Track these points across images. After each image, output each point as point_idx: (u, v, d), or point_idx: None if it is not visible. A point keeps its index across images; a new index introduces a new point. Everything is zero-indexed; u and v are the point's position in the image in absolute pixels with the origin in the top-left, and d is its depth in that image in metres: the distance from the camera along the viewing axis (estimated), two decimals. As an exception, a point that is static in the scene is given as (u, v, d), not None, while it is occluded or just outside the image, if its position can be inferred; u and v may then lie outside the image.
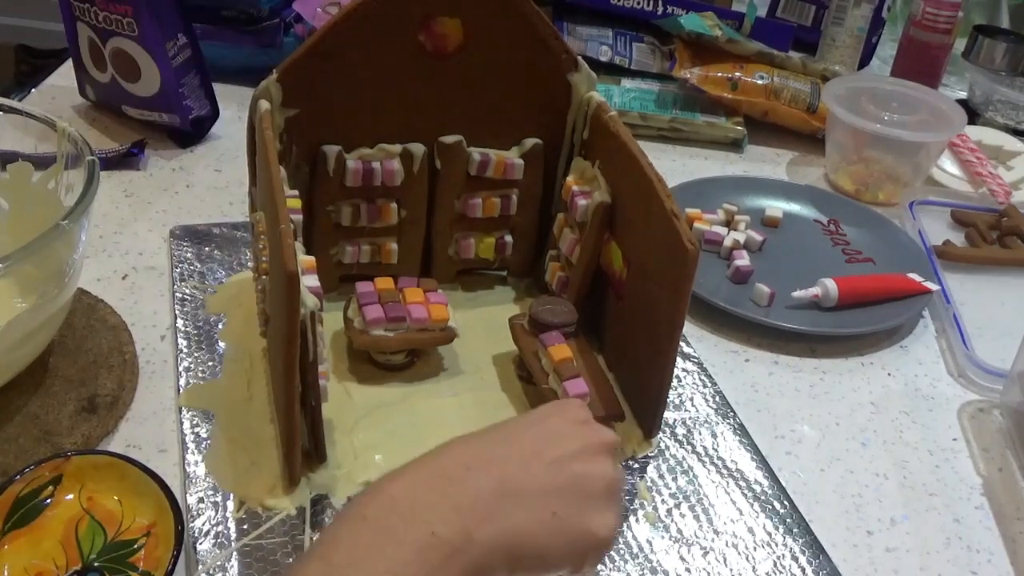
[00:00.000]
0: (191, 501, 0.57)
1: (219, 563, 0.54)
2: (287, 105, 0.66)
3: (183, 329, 0.71)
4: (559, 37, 0.69)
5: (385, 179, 0.70)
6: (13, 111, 0.70)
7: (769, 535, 0.60)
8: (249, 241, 0.80)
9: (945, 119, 1.00)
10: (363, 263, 0.74)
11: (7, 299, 0.65)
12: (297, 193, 0.66)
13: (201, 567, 0.54)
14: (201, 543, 0.55)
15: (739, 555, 0.59)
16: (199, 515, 0.57)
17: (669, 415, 0.68)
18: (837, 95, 1.01)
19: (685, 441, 0.66)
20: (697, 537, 0.59)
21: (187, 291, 0.74)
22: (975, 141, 1.10)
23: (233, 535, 0.56)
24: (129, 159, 0.93)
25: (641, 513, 0.60)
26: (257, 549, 0.55)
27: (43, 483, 0.55)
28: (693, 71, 1.09)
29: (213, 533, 0.56)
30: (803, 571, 0.58)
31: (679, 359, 0.72)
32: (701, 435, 0.67)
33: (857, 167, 1.02)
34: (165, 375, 0.68)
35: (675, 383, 0.71)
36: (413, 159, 0.71)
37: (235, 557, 0.54)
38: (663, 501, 0.62)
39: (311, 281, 0.55)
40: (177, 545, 0.52)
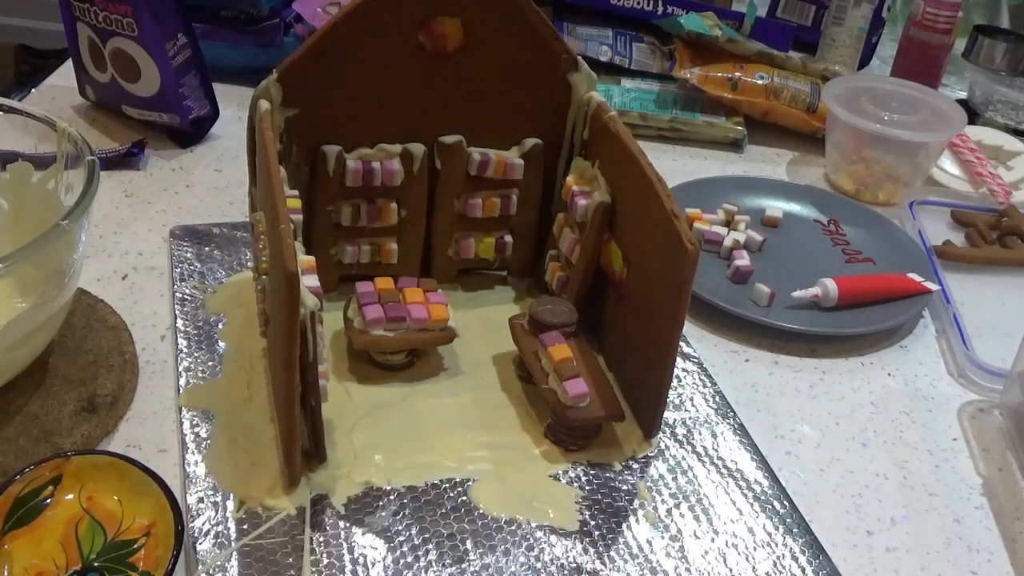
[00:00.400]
0: (191, 501, 0.57)
1: (219, 563, 0.54)
2: (287, 105, 0.66)
3: (183, 329, 0.71)
4: (559, 37, 0.69)
5: (385, 179, 0.70)
6: (13, 111, 0.70)
7: (769, 535, 0.60)
8: (249, 241, 0.80)
9: (945, 119, 1.00)
10: (363, 263, 0.74)
11: (7, 299, 0.65)
12: (297, 193, 0.66)
13: (201, 567, 0.54)
14: (201, 543, 0.55)
15: (739, 555, 0.59)
16: (199, 515, 0.57)
17: (669, 415, 0.68)
18: (837, 95, 1.01)
19: (685, 441, 0.66)
20: (697, 537, 0.59)
21: (187, 291, 0.74)
22: (975, 141, 1.10)
23: (233, 535, 0.56)
24: (129, 159, 0.93)
25: (641, 513, 0.61)
26: (257, 549, 0.55)
27: (43, 483, 0.55)
28: (693, 71, 1.09)
29: (213, 533, 0.56)
30: (803, 571, 0.58)
31: (679, 359, 0.72)
32: (701, 435, 0.67)
33: (857, 167, 1.02)
34: (165, 375, 0.68)
35: (675, 383, 0.71)
36: (413, 159, 0.71)
37: (235, 557, 0.54)
38: (663, 501, 0.62)
39: (311, 281, 0.55)
40: (177, 545, 0.52)
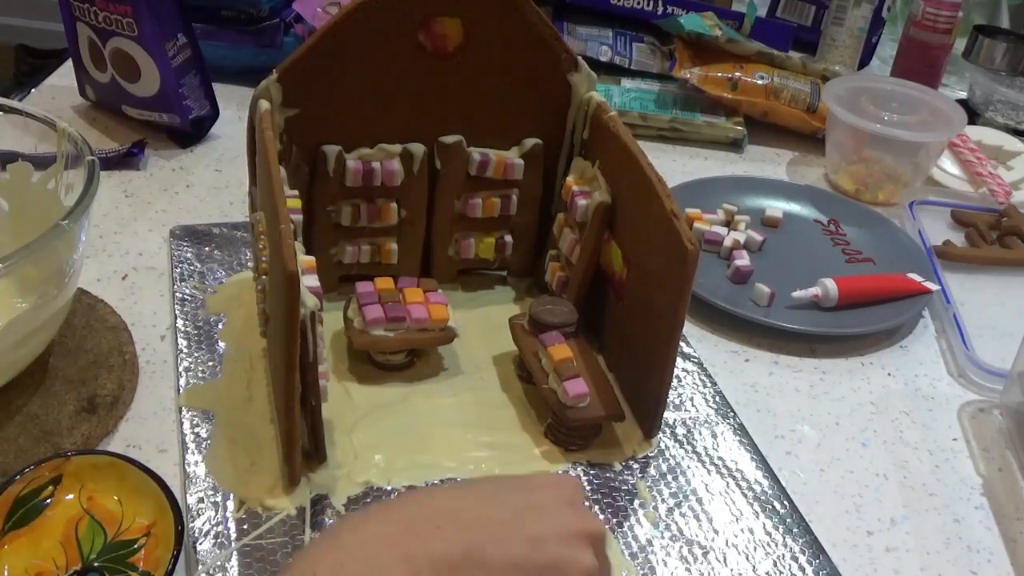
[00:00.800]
0: (191, 501, 0.57)
1: (219, 563, 0.54)
2: (287, 105, 0.66)
3: (183, 329, 0.71)
4: (559, 37, 0.69)
5: (385, 179, 0.70)
6: (13, 111, 0.70)
7: (769, 535, 0.60)
8: (249, 241, 0.80)
9: (945, 119, 1.00)
10: (363, 263, 0.74)
11: (7, 299, 0.65)
12: (297, 193, 0.66)
13: (201, 567, 0.54)
14: (201, 543, 0.55)
15: (739, 555, 0.59)
16: (199, 515, 0.57)
17: (669, 415, 0.68)
18: (837, 95, 1.01)
19: (685, 441, 0.66)
20: (697, 537, 0.59)
21: (187, 291, 0.74)
22: (975, 141, 1.10)
23: (233, 535, 0.56)
24: (129, 159, 0.93)
25: (641, 513, 0.61)
26: (257, 549, 0.55)
27: (43, 483, 0.55)
28: (693, 71, 1.09)
29: (213, 533, 0.56)
30: (803, 571, 0.58)
31: (679, 359, 0.72)
32: (701, 435, 0.67)
33: (857, 167, 1.02)
34: (165, 375, 0.68)
35: (675, 383, 0.71)
36: (413, 159, 0.71)
37: (235, 557, 0.54)
38: (663, 501, 0.62)
39: (311, 281, 0.55)
40: (177, 545, 0.52)
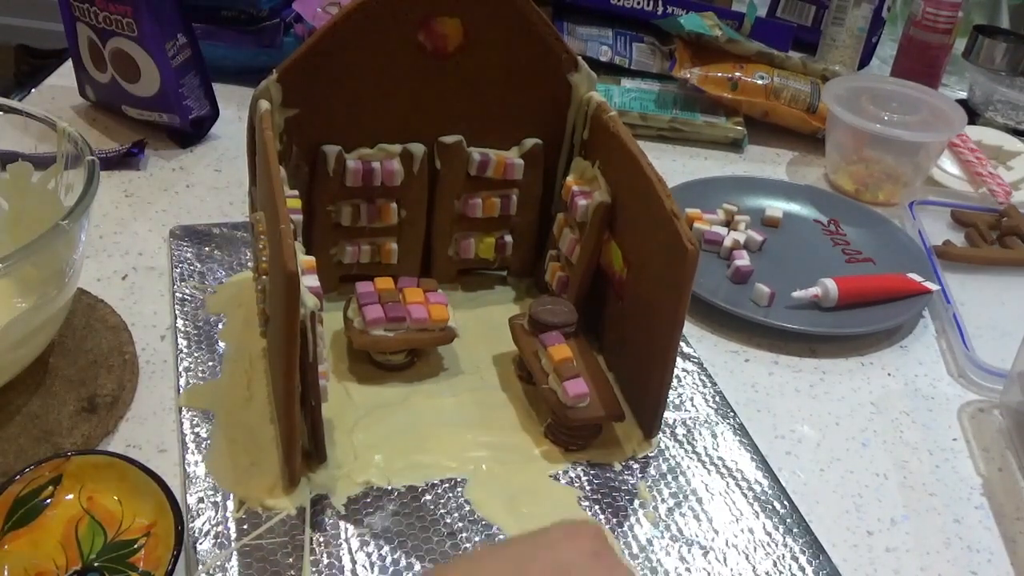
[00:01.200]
0: (191, 501, 0.57)
1: (219, 563, 0.54)
2: (287, 105, 0.66)
3: (183, 329, 0.71)
4: (559, 37, 0.69)
5: (385, 179, 0.70)
6: (13, 111, 0.70)
7: (769, 535, 0.60)
8: (249, 241, 0.80)
9: (945, 119, 1.00)
10: (363, 263, 0.74)
11: (7, 299, 0.65)
12: (297, 193, 0.66)
13: (201, 567, 0.54)
14: (201, 543, 0.55)
15: (739, 555, 0.59)
16: (199, 515, 0.57)
17: (669, 415, 0.68)
18: (837, 95, 1.01)
19: (685, 441, 0.66)
20: (697, 537, 0.59)
21: (187, 291, 0.74)
22: (975, 141, 1.10)
23: (233, 535, 0.56)
24: (129, 159, 0.93)
25: (641, 513, 0.61)
26: (257, 549, 0.55)
27: (43, 483, 0.55)
28: (693, 71, 1.09)
29: (213, 533, 0.56)
30: (803, 571, 0.58)
31: (679, 359, 0.72)
32: (701, 435, 0.67)
33: (857, 167, 1.02)
34: (165, 375, 0.68)
35: (675, 383, 0.71)
36: (413, 159, 0.71)
37: (235, 557, 0.54)
38: (663, 501, 0.62)
39: (311, 281, 0.55)
40: (177, 545, 0.52)
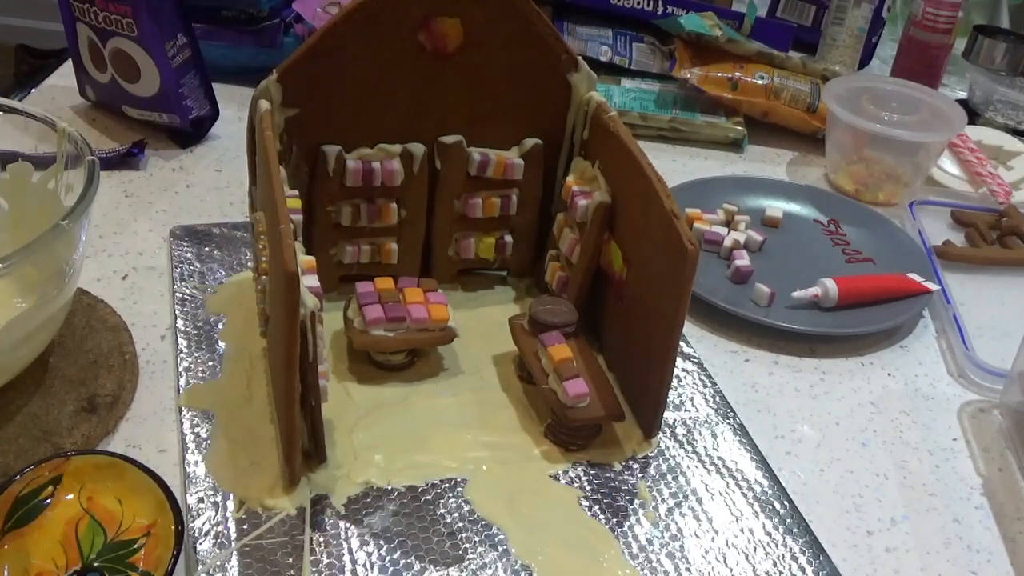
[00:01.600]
0: (191, 501, 0.57)
1: (219, 563, 0.54)
2: (287, 105, 0.66)
3: (183, 329, 0.71)
4: (559, 37, 0.69)
5: (385, 179, 0.70)
6: (13, 111, 0.70)
7: (769, 535, 0.60)
8: (249, 241, 0.80)
9: (945, 119, 1.00)
10: (363, 263, 0.74)
11: (7, 299, 0.65)
12: (297, 193, 0.66)
13: (201, 567, 0.54)
14: (201, 543, 0.55)
15: (739, 555, 0.59)
16: (199, 515, 0.57)
17: (669, 415, 0.68)
18: (837, 95, 1.01)
19: (685, 441, 0.66)
20: (697, 537, 0.59)
21: (187, 291, 0.74)
22: (975, 141, 1.10)
23: (233, 535, 0.56)
24: (129, 159, 0.93)
25: (641, 513, 0.61)
26: (257, 549, 0.55)
27: (43, 483, 0.55)
28: (693, 71, 1.09)
29: (213, 533, 0.56)
30: (803, 571, 0.58)
31: (679, 359, 0.72)
32: (701, 435, 0.67)
33: (857, 167, 1.02)
34: (165, 375, 0.68)
35: (675, 383, 0.71)
36: (413, 159, 0.71)
37: (235, 557, 0.54)
38: (663, 501, 0.62)
39: (311, 281, 0.55)
40: (177, 545, 0.52)
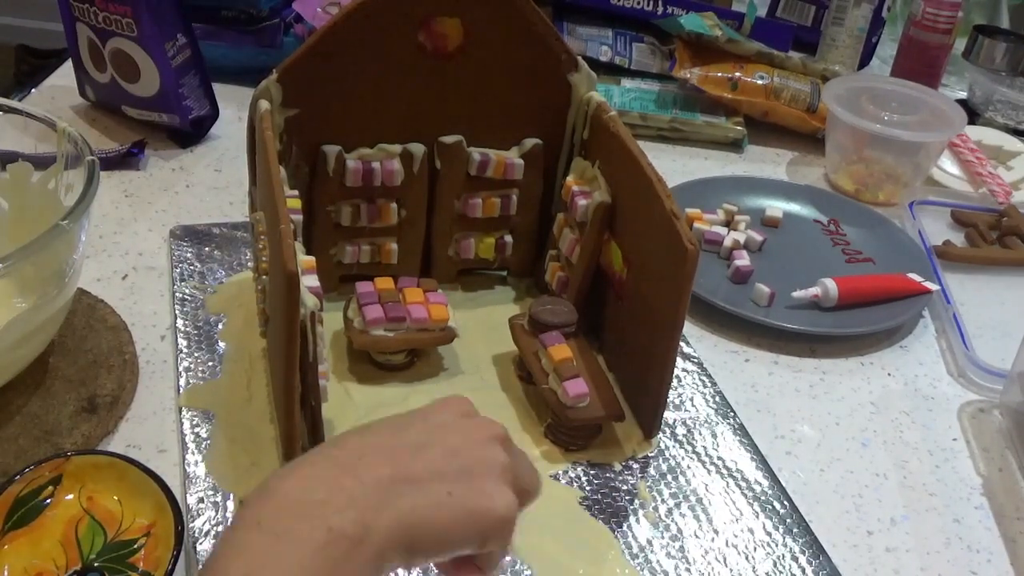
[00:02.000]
0: (191, 501, 0.57)
1: (219, 563, 0.54)
2: (287, 105, 0.66)
3: (183, 329, 0.71)
4: (559, 37, 0.69)
5: (385, 179, 0.70)
6: (13, 111, 0.70)
7: (769, 535, 0.60)
8: (249, 241, 0.80)
9: (945, 119, 1.00)
10: (363, 263, 0.74)
11: (7, 299, 0.65)
12: (297, 193, 0.66)
13: (201, 567, 0.54)
14: (201, 543, 0.55)
15: (739, 555, 0.59)
16: (199, 515, 0.57)
17: (669, 415, 0.68)
18: (837, 95, 1.01)
19: (685, 441, 0.66)
20: (697, 537, 0.59)
21: (187, 291, 0.74)
22: (975, 141, 1.10)
23: (233, 535, 0.56)
24: (129, 159, 0.93)
25: (641, 513, 0.61)
26: (257, 549, 0.55)
27: (43, 483, 0.55)
28: (693, 71, 1.09)
29: (213, 533, 0.56)
30: (803, 571, 0.58)
31: (679, 359, 0.72)
32: (701, 435, 0.67)
33: (857, 167, 1.02)
34: (165, 375, 0.68)
35: (675, 383, 0.71)
36: (413, 159, 0.71)
37: (235, 557, 0.54)
38: (663, 501, 0.62)
39: (311, 281, 0.55)
40: (177, 545, 0.52)
